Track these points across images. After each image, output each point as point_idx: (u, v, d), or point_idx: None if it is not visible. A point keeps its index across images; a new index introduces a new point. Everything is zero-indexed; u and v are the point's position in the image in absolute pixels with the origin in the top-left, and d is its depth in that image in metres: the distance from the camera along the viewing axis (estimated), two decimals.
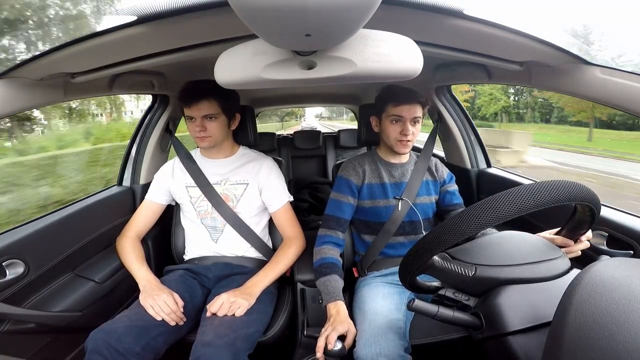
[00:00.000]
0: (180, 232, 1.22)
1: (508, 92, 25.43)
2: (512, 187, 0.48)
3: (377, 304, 0.91)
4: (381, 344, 0.78)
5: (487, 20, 0.61)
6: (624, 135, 17.00)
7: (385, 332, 0.81)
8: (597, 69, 0.71)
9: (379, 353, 0.77)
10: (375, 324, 0.84)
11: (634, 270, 0.42)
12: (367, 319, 0.87)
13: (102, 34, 0.62)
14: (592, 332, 0.35)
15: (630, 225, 0.82)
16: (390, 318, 0.86)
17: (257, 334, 0.90)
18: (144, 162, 1.34)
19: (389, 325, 0.83)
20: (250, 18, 0.42)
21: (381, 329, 0.82)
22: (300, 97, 2.66)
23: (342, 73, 0.56)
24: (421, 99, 1.02)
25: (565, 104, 18.85)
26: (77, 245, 1.02)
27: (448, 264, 0.57)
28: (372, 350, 0.77)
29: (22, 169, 4.20)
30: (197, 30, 0.66)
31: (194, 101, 1.02)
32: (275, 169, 1.17)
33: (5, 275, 0.81)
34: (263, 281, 1.00)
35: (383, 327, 0.83)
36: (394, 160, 1.11)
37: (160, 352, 0.86)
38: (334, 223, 1.05)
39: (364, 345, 0.80)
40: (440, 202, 1.13)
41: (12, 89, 0.73)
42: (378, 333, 0.81)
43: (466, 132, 1.49)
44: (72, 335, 0.95)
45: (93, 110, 12.79)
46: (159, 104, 1.34)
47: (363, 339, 0.81)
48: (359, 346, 0.80)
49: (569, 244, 0.68)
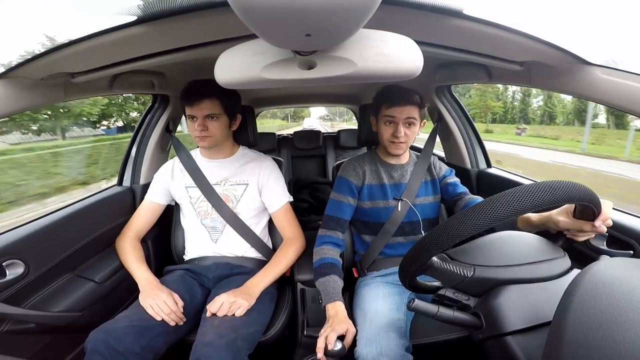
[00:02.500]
0: (180, 233, 1.22)
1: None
2: (512, 188, 0.48)
3: (378, 304, 0.91)
4: (382, 343, 0.78)
5: (487, 20, 0.61)
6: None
7: (386, 331, 0.81)
8: (597, 69, 0.71)
9: (381, 352, 0.76)
10: (376, 323, 0.84)
11: (634, 270, 0.42)
12: (367, 319, 0.86)
13: (102, 34, 0.62)
14: (592, 332, 0.35)
15: (630, 225, 0.81)
16: (391, 317, 0.86)
17: (257, 334, 0.90)
18: (144, 162, 1.34)
19: (390, 325, 0.83)
20: (250, 18, 0.42)
21: (382, 328, 0.82)
22: (301, 97, 2.66)
23: (342, 73, 0.56)
24: (416, 100, 0.99)
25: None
26: (77, 245, 1.02)
27: (447, 264, 0.57)
28: (374, 349, 0.77)
29: None
30: (197, 30, 0.66)
31: (196, 100, 1.02)
32: (275, 170, 1.17)
33: (5, 275, 0.81)
34: (263, 281, 1.00)
35: (384, 326, 0.83)
36: (393, 161, 1.11)
37: (160, 352, 0.86)
38: (334, 223, 1.05)
39: (365, 344, 0.79)
40: (444, 195, 1.12)
41: (12, 89, 0.73)
42: (379, 332, 0.81)
43: (466, 132, 1.49)
44: (72, 335, 0.95)
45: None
46: (159, 104, 1.34)
47: (364, 338, 0.81)
48: (360, 345, 0.80)
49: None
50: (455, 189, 1.10)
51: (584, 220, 0.61)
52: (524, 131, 25.08)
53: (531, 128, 27.10)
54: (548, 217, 0.69)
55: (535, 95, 30.45)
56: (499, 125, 30.63)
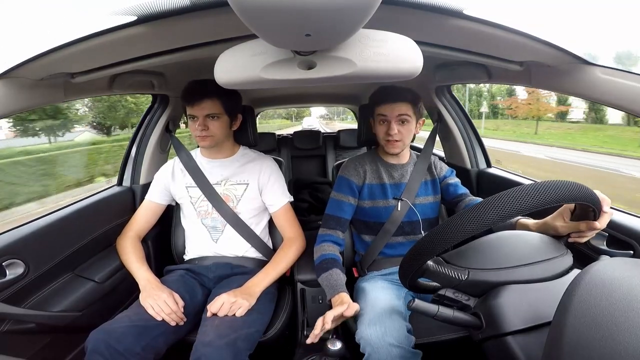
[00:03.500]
0: (180, 232, 1.22)
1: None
2: (510, 188, 0.48)
3: (379, 293, 0.92)
4: (386, 323, 0.78)
5: (487, 20, 0.61)
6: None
7: (389, 313, 0.82)
8: (597, 69, 0.71)
9: (385, 332, 0.76)
10: (379, 306, 0.84)
11: (634, 270, 0.42)
12: (369, 304, 0.87)
13: (102, 34, 0.62)
14: (592, 332, 0.35)
15: (630, 225, 0.81)
16: (392, 303, 0.87)
17: (257, 334, 0.90)
18: (144, 162, 1.34)
19: (391, 309, 0.84)
20: (250, 18, 0.42)
21: (385, 310, 0.82)
22: (301, 97, 2.66)
23: (342, 73, 0.56)
24: (407, 96, 0.99)
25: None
26: (77, 245, 1.02)
27: (442, 268, 0.57)
28: (378, 329, 0.77)
29: None
30: (197, 30, 0.65)
31: (197, 100, 1.02)
32: (275, 170, 1.17)
33: (5, 275, 0.81)
34: (263, 281, 1.00)
35: (386, 308, 0.83)
36: (394, 160, 1.11)
37: (160, 352, 0.86)
38: (334, 223, 1.06)
39: (369, 325, 0.79)
40: (445, 196, 1.12)
41: (12, 89, 0.73)
42: (382, 314, 0.81)
43: (466, 132, 1.49)
44: (72, 335, 0.95)
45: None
46: (159, 104, 1.34)
47: (367, 320, 0.81)
48: (362, 327, 0.80)
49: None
50: (456, 190, 1.10)
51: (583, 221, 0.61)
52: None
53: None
54: (545, 224, 0.69)
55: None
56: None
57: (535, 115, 22.22)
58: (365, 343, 0.77)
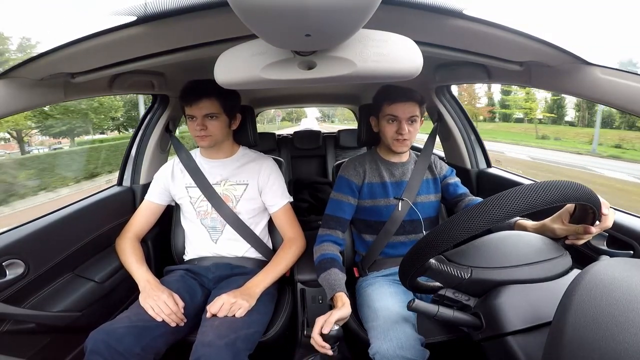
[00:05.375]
0: (180, 233, 1.22)
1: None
2: (510, 188, 0.48)
3: (387, 301, 0.91)
4: (400, 337, 0.77)
5: (487, 20, 0.61)
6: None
7: (401, 324, 0.81)
8: (597, 69, 0.71)
9: (400, 346, 0.75)
10: (389, 319, 0.83)
11: (634, 270, 0.42)
12: (379, 315, 0.86)
13: (102, 34, 0.62)
14: (592, 332, 0.35)
15: (630, 225, 0.81)
16: (402, 314, 0.85)
17: (257, 335, 0.90)
18: (144, 162, 1.34)
19: (403, 320, 0.83)
20: (250, 18, 0.42)
21: (396, 322, 0.81)
22: (300, 97, 2.66)
23: (342, 73, 0.56)
24: (417, 97, 1.01)
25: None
26: (77, 245, 1.02)
27: (444, 266, 0.57)
28: (393, 344, 0.76)
29: None
30: (197, 30, 0.65)
31: (195, 100, 1.02)
32: (275, 170, 1.17)
33: (5, 275, 0.81)
34: (263, 282, 1.00)
35: (398, 320, 0.82)
36: (394, 159, 1.11)
37: (160, 352, 0.86)
38: (334, 223, 1.05)
39: (382, 340, 0.78)
40: (445, 195, 1.12)
41: (12, 89, 0.73)
42: (394, 327, 0.80)
43: (466, 132, 1.49)
44: (72, 335, 0.95)
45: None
46: (159, 104, 1.34)
47: (379, 334, 0.80)
48: (375, 342, 0.79)
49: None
50: (456, 190, 1.10)
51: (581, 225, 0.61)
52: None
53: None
54: (543, 226, 0.69)
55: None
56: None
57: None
58: (381, 358, 0.76)
